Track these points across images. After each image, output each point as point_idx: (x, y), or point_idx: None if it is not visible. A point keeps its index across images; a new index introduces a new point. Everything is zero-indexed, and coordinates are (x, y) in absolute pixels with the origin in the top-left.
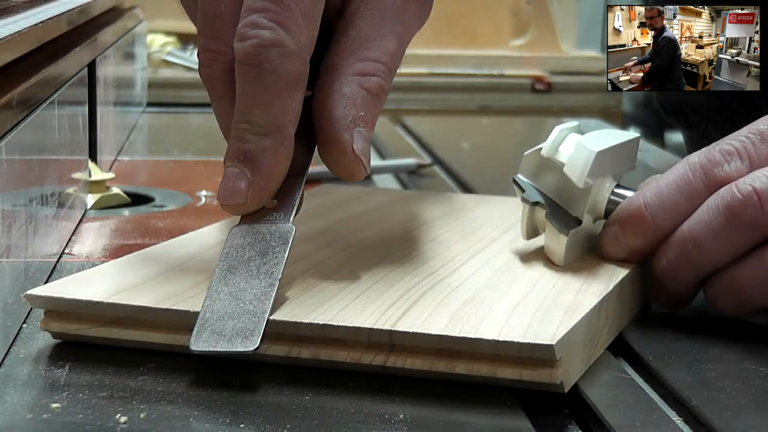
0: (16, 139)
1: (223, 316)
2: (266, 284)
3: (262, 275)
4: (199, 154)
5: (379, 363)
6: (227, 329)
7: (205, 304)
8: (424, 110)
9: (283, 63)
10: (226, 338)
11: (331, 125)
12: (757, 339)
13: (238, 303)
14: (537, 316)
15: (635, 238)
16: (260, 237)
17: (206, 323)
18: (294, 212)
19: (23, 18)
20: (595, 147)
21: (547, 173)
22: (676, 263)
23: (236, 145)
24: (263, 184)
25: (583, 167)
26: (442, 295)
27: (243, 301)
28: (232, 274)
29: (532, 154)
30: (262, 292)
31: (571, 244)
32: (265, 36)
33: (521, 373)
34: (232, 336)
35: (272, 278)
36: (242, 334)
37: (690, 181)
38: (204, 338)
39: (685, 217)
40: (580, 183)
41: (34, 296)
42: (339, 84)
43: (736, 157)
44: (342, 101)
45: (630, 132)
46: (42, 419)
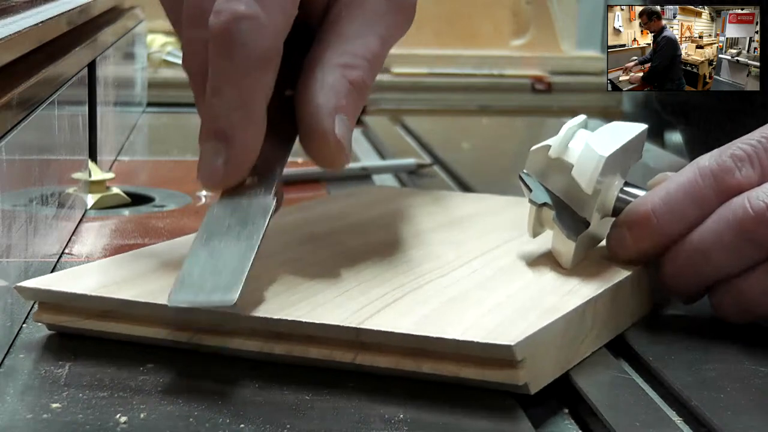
0: (16, 139)
1: (202, 273)
2: (246, 247)
3: (242, 239)
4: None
5: (349, 360)
6: (206, 285)
7: (184, 266)
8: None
9: (254, 37)
10: (204, 292)
11: (313, 112)
12: (757, 339)
13: (216, 262)
14: (512, 317)
15: (642, 242)
16: (240, 208)
17: (185, 280)
18: (274, 190)
19: (23, 18)
20: (604, 151)
21: (555, 172)
22: (684, 271)
23: (209, 123)
24: (239, 159)
25: (592, 173)
26: (425, 295)
27: (222, 261)
28: (212, 239)
29: (540, 151)
30: (241, 253)
31: (578, 247)
32: (239, 9)
33: (484, 374)
34: (211, 290)
35: (251, 242)
36: (221, 289)
37: (700, 188)
38: (183, 293)
39: (694, 224)
40: (588, 189)
41: (25, 288)
42: (321, 74)
43: (747, 164)
44: (324, 89)
45: (637, 124)
46: (42, 419)
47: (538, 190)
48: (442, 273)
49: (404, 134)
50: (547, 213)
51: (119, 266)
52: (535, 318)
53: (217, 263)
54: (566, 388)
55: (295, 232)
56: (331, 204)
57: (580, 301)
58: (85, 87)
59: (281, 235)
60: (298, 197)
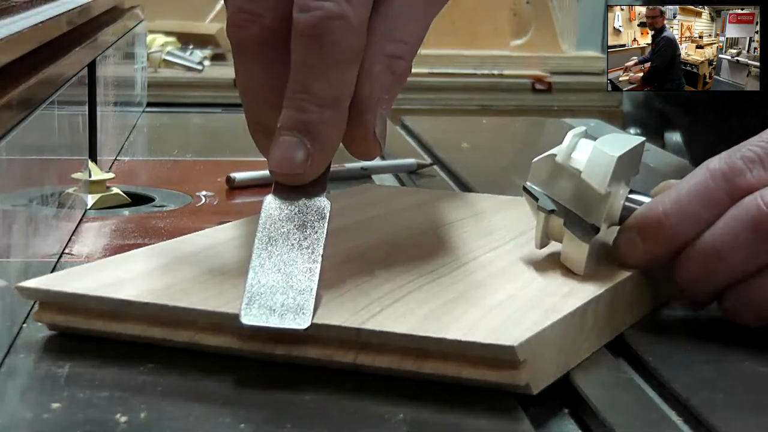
0: (16, 139)
1: (271, 290)
2: (309, 259)
3: (304, 249)
4: (199, 154)
5: (349, 360)
6: (277, 304)
7: (250, 276)
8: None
9: (346, 36)
10: (276, 314)
11: (356, 104)
12: (758, 339)
13: (284, 277)
14: (513, 318)
15: (654, 246)
16: (296, 210)
17: (254, 296)
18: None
19: (23, 18)
20: (615, 152)
21: (561, 180)
22: (698, 274)
23: (295, 114)
24: (322, 156)
25: (604, 173)
26: (425, 295)
27: (289, 275)
28: (273, 246)
29: (543, 161)
30: (307, 267)
31: (590, 253)
32: (329, 8)
33: (486, 374)
34: (282, 312)
35: (314, 254)
36: (293, 311)
37: (711, 190)
38: (254, 312)
39: (706, 227)
40: (602, 189)
41: (26, 288)
42: (369, 63)
43: (758, 165)
44: (370, 81)
45: (635, 136)
46: (42, 419)
47: (543, 199)
48: (442, 273)
49: (404, 134)
50: (555, 222)
51: (119, 266)
52: (537, 318)
53: (284, 279)
54: (566, 388)
55: None
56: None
57: (581, 302)
58: (85, 87)
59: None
60: None
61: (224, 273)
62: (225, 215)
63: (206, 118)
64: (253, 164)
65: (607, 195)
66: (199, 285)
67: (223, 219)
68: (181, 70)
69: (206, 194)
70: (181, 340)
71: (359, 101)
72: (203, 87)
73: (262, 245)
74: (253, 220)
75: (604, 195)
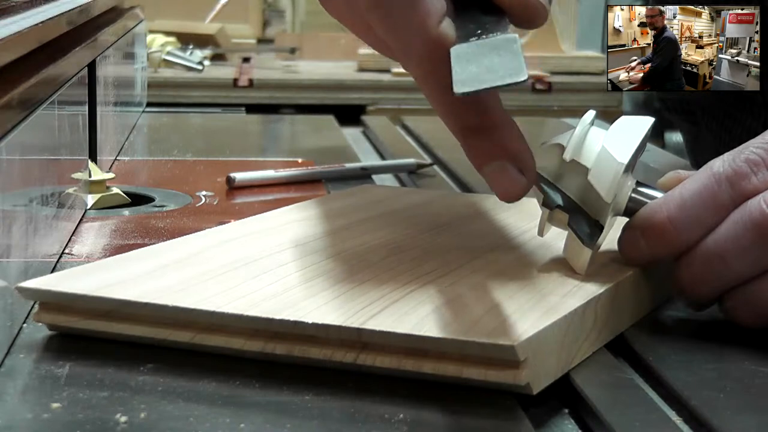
0: (16, 139)
1: (477, 60)
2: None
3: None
4: (199, 154)
5: (350, 360)
6: (491, 66)
7: (453, 63)
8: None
9: None
10: (490, 78)
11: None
12: (758, 339)
13: (485, 54)
14: (513, 317)
15: (657, 248)
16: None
17: (461, 73)
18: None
19: (23, 18)
20: (622, 157)
21: (570, 174)
22: (700, 277)
23: (498, 145)
24: (533, 171)
25: (611, 180)
26: (425, 295)
27: (489, 53)
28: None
29: (550, 149)
30: (503, 39)
31: (593, 253)
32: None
33: (486, 374)
34: (497, 75)
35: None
36: (506, 68)
37: (715, 194)
38: (468, 83)
39: (710, 230)
40: (608, 198)
41: (26, 288)
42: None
43: (763, 168)
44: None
45: (644, 118)
46: (42, 419)
47: (551, 192)
48: (442, 273)
49: (404, 134)
50: (559, 213)
51: (119, 266)
52: (537, 318)
53: (485, 59)
54: (566, 388)
55: (295, 232)
56: (331, 204)
57: (581, 301)
58: (85, 87)
59: (280, 235)
60: (298, 197)
61: (224, 273)
62: (225, 215)
63: (206, 118)
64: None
65: (613, 201)
66: (199, 285)
67: (222, 219)
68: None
69: (206, 194)
70: (181, 340)
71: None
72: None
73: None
74: (252, 220)
75: (610, 203)
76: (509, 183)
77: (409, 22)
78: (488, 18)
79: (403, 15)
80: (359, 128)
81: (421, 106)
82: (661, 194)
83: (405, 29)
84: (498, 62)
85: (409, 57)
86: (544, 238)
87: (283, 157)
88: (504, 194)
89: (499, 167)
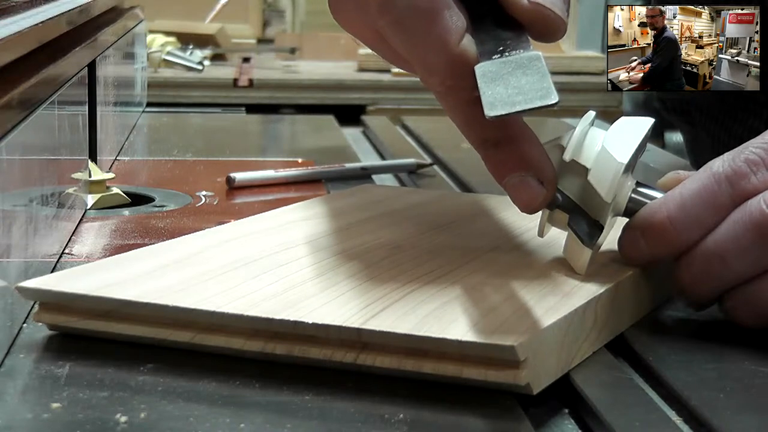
0: (16, 139)
1: (506, 89)
2: (530, 58)
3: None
4: (199, 154)
5: (350, 360)
6: (519, 86)
7: (480, 85)
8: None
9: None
10: (520, 102)
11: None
12: (758, 339)
13: (512, 78)
14: (513, 317)
15: (658, 248)
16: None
17: (492, 98)
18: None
19: (23, 18)
20: (622, 157)
21: (570, 174)
22: (700, 277)
23: (516, 158)
24: (552, 182)
25: (611, 180)
26: (425, 295)
27: (517, 79)
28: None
29: (551, 150)
30: (529, 63)
31: (593, 253)
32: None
33: (486, 374)
34: (527, 98)
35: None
36: (535, 89)
37: (715, 194)
38: (498, 107)
39: (710, 230)
40: (608, 198)
41: (26, 288)
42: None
43: (762, 168)
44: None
45: (644, 119)
46: (42, 419)
47: None
48: (442, 273)
49: (404, 134)
50: (560, 215)
51: (119, 266)
52: (537, 318)
53: (512, 79)
54: (566, 388)
55: (294, 232)
56: (331, 204)
57: (581, 302)
58: (85, 87)
59: (280, 235)
60: (298, 197)
61: (224, 273)
62: (225, 215)
63: (206, 118)
64: (253, 164)
65: (612, 201)
66: (199, 285)
67: (222, 219)
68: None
69: (206, 194)
70: (181, 340)
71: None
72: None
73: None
74: (252, 220)
75: (610, 203)
76: (530, 195)
77: (429, 39)
78: (507, 33)
79: (423, 32)
80: (359, 128)
81: (421, 106)
82: (661, 194)
83: (425, 46)
84: (525, 82)
85: (429, 72)
86: (544, 238)
87: (283, 157)
88: (525, 206)
89: (520, 179)
